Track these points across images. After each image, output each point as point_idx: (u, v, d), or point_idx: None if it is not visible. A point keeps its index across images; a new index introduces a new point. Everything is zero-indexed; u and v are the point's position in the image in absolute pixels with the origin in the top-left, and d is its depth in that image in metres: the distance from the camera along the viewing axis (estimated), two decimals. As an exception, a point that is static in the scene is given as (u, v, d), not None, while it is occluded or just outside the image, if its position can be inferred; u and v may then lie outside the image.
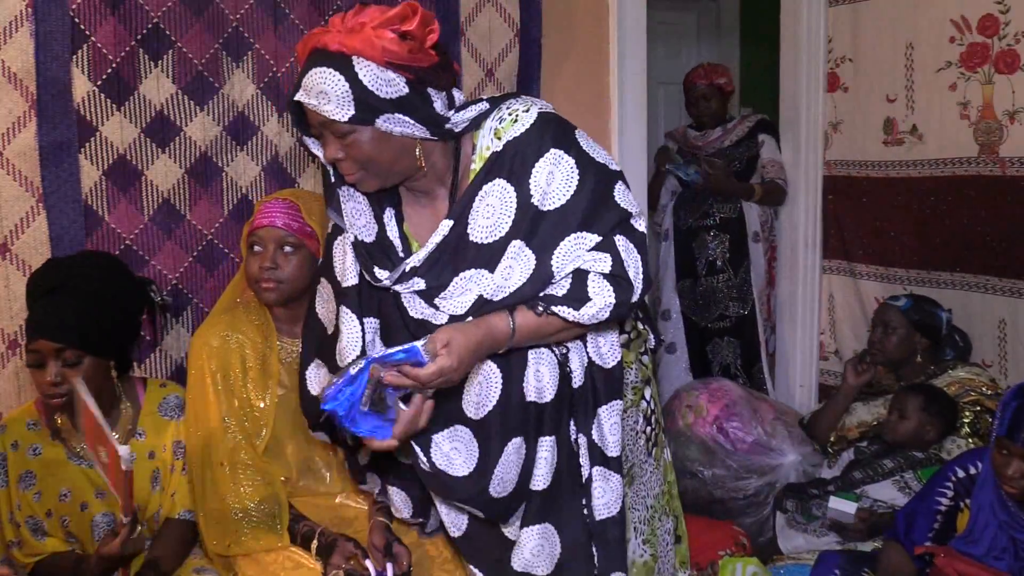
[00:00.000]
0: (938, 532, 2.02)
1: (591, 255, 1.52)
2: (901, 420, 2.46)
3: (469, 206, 1.54)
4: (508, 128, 1.54)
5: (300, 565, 1.82)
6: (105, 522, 1.82)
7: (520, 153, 1.52)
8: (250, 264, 1.90)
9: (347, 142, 1.48)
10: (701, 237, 3.64)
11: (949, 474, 2.04)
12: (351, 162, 1.50)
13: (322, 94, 1.42)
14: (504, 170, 1.53)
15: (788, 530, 2.61)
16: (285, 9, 2.29)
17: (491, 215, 1.52)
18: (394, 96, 1.44)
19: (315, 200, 1.96)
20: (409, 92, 1.46)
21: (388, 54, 1.42)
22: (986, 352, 2.92)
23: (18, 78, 1.96)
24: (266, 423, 1.90)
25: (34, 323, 1.72)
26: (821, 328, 3.59)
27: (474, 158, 1.58)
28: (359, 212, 1.61)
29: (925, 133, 3.10)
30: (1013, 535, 1.87)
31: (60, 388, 1.71)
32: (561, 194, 1.51)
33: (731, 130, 3.69)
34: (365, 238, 1.60)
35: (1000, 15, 2.84)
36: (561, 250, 1.51)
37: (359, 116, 1.44)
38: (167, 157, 2.17)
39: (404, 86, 1.45)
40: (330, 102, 1.42)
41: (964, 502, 2.00)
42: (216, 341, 1.90)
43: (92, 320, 1.74)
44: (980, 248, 2.96)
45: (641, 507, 1.80)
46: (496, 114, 1.57)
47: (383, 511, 1.92)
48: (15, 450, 1.77)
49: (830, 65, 3.42)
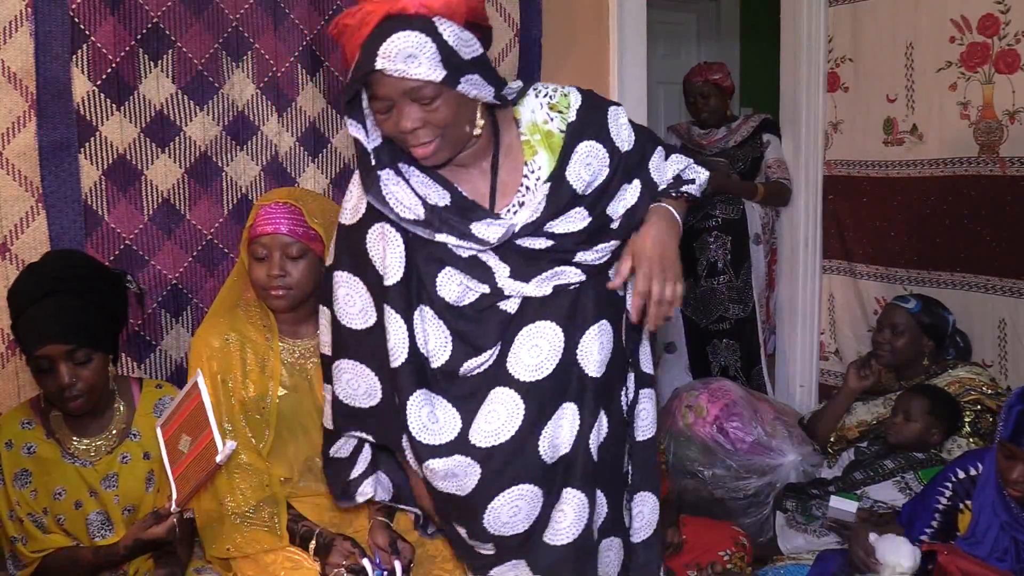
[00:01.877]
0: (937, 531, 2.02)
1: (668, 161, 1.68)
2: (907, 423, 2.44)
3: (565, 166, 1.56)
4: (567, 101, 1.60)
5: (299, 565, 1.82)
6: (99, 520, 1.82)
7: (593, 117, 1.60)
8: (256, 271, 1.89)
9: (431, 108, 1.44)
10: (702, 238, 3.63)
11: (950, 475, 2.04)
12: (429, 129, 1.46)
13: (411, 58, 1.38)
14: (590, 132, 1.58)
15: (788, 530, 2.61)
16: (285, 9, 2.29)
17: (591, 170, 1.57)
18: (473, 56, 1.44)
19: (315, 200, 1.95)
20: (482, 52, 1.47)
21: (469, 12, 1.43)
22: (986, 352, 2.92)
23: (18, 78, 1.96)
24: (268, 425, 1.90)
25: (37, 330, 1.70)
26: (821, 328, 3.59)
27: (522, 131, 1.59)
28: (406, 193, 1.54)
29: (925, 133, 3.10)
30: (1015, 536, 1.87)
31: (76, 388, 1.72)
32: (628, 135, 1.62)
33: (735, 130, 3.67)
34: (439, 202, 1.54)
35: (1000, 15, 2.83)
36: (652, 166, 1.64)
37: (449, 77, 1.42)
38: (167, 157, 2.17)
39: (479, 45, 1.46)
40: (420, 65, 1.39)
41: (965, 503, 2.00)
42: (217, 342, 1.90)
43: (94, 317, 1.75)
44: (980, 248, 2.96)
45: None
46: (534, 93, 1.61)
47: (383, 511, 1.92)
48: (9, 449, 1.77)
49: (830, 65, 3.42)
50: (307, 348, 1.99)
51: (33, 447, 1.79)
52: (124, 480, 1.83)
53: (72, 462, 1.81)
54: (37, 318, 1.71)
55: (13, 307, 1.77)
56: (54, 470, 1.80)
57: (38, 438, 1.80)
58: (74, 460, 1.81)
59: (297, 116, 2.34)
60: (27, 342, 1.72)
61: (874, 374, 2.71)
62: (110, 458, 1.83)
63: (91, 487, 1.81)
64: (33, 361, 1.72)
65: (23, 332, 1.73)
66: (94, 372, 1.74)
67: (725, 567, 2.42)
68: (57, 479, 1.80)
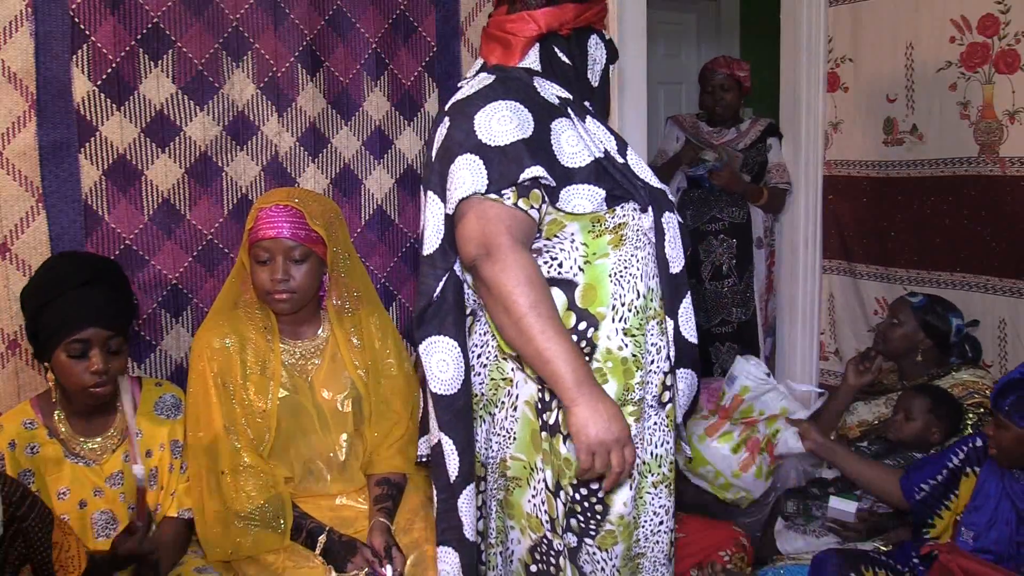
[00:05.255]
0: (938, 485, 2.11)
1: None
2: (907, 421, 2.45)
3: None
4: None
5: (302, 564, 1.82)
6: (104, 519, 1.82)
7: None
8: (259, 275, 1.89)
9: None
10: (708, 241, 3.59)
11: (969, 441, 2.13)
12: None
13: None
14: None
15: (788, 531, 2.61)
16: (285, 9, 2.29)
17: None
18: None
19: (316, 201, 1.96)
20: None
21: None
22: (986, 352, 2.92)
23: (18, 78, 1.96)
24: (269, 426, 1.90)
25: (80, 313, 1.72)
26: (821, 328, 3.59)
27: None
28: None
29: (925, 133, 3.10)
30: (1017, 504, 1.91)
31: (106, 376, 1.75)
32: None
33: (745, 133, 3.62)
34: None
35: (1000, 15, 2.83)
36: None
37: None
38: (167, 157, 2.17)
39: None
40: None
41: (973, 468, 2.07)
42: (217, 343, 1.90)
43: (128, 311, 1.82)
44: (980, 248, 2.96)
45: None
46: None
47: (384, 512, 1.92)
48: (12, 449, 1.77)
49: (830, 65, 3.42)
50: (308, 349, 1.99)
51: (36, 447, 1.79)
52: (128, 478, 1.84)
53: (76, 462, 1.81)
54: (81, 302, 1.73)
55: (46, 291, 1.76)
56: (57, 470, 1.80)
57: (41, 438, 1.80)
58: (78, 460, 1.82)
59: (297, 116, 2.34)
60: (67, 323, 1.72)
61: (874, 370, 2.71)
62: (114, 457, 1.84)
63: (96, 486, 1.82)
64: (66, 346, 1.72)
65: (61, 314, 1.72)
66: (121, 364, 1.80)
67: (725, 567, 2.42)
68: (61, 479, 1.80)
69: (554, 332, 1.43)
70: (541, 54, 1.63)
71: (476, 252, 1.45)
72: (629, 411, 1.57)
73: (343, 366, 2.00)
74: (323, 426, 1.97)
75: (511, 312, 1.43)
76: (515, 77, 1.56)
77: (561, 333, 1.44)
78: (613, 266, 1.54)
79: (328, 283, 1.99)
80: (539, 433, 1.58)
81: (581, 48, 1.68)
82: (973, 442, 2.11)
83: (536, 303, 1.43)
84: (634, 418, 1.57)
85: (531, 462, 1.59)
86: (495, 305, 1.46)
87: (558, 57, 1.63)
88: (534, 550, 1.61)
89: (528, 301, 1.42)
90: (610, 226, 1.55)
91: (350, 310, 2.03)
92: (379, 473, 2.00)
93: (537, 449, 1.58)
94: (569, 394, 1.43)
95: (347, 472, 2.00)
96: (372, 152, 2.48)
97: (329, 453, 1.98)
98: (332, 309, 2.01)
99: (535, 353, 1.44)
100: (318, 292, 1.98)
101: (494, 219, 1.44)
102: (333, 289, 2.01)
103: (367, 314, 2.05)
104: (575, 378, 1.42)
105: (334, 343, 2.01)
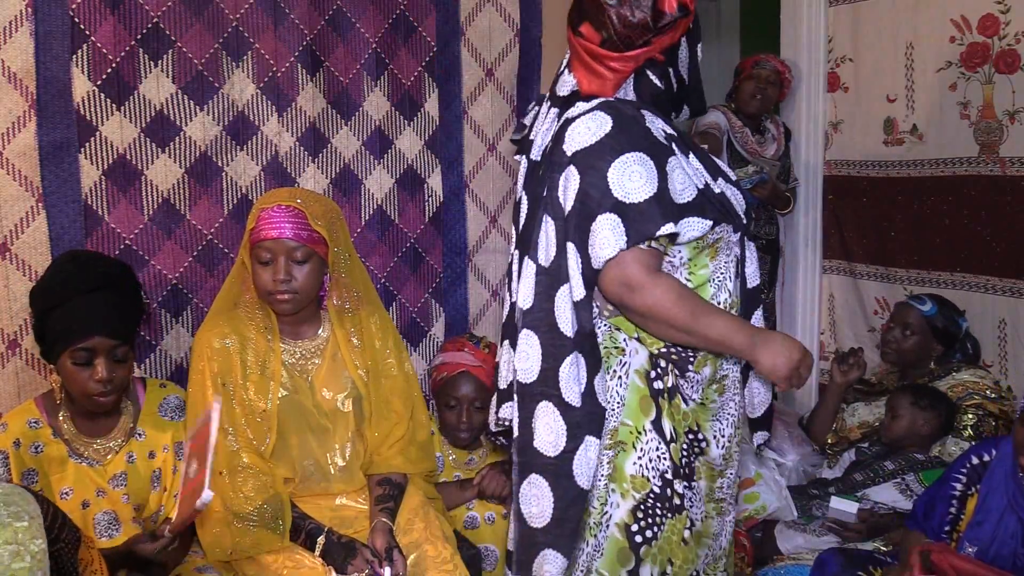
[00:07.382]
0: (955, 517, 2.05)
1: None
2: (894, 420, 2.47)
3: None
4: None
5: (301, 565, 1.82)
6: (106, 520, 1.82)
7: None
8: (260, 276, 1.89)
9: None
10: None
11: (965, 462, 2.08)
12: None
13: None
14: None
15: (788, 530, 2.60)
16: (285, 9, 2.29)
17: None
18: None
19: (317, 202, 1.95)
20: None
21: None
22: (986, 352, 2.92)
23: (18, 78, 1.96)
24: (269, 426, 1.90)
25: (88, 320, 1.71)
26: (821, 328, 3.59)
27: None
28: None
29: (925, 133, 3.10)
30: (1021, 516, 1.88)
31: (111, 384, 1.74)
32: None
33: (777, 139, 3.53)
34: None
35: (1000, 15, 2.84)
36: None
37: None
38: (167, 157, 2.17)
39: None
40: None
41: (975, 487, 2.03)
42: (218, 343, 1.90)
43: (135, 320, 1.81)
44: (980, 248, 2.96)
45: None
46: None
47: (386, 512, 1.92)
48: (17, 448, 1.77)
49: (830, 65, 3.42)
50: (308, 349, 1.99)
51: (40, 446, 1.79)
52: (132, 479, 1.84)
53: (80, 462, 1.81)
54: (89, 309, 1.71)
55: (53, 294, 1.74)
56: (61, 470, 1.80)
57: (46, 437, 1.80)
58: (81, 460, 1.82)
59: (297, 116, 2.34)
60: (73, 331, 1.71)
61: (858, 367, 2.70)
62: (118, 458, 1.84)
63: (99, 487, 1.82)
64: (71, 353, 1.71)
65: (67, 321, 1.71)
66: (127, 371, 1.79)
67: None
68: (64, 479, 1.80)
69: (713, 321, 1.63)
70: (635, 81, 1.70)
71: (619, 290, 1.62)
72: (714, 388, 1.76)
73: (343, 366, 2.00)
74: (323, 426, 1.97)
75: (677, 327, 1.63)
76: (630, 117, 1.64)
77: (719, 317, 1.65)
78: (711, 273, 1.72)
79: (329, 283, 1.99)
80: (648, 398, 1.71)
81: (672, 62, 1.73)
82: (968, 462, 2.05)
83: (693, 311, 1.61)
84: (718, 393, 1.77)
85: (638, 426, 1.71)
86: (656, 327, 1.65)
87: (652, 83, 1.70)
88: (636, 510, 1.69)
89: (685, 314, 1.61)
90: (710, 241, 1.70)
91: (350, 310, 2.03)
92: (380, 473, 2.00)
93: (645, 413, 1.71)
94: (748, 353, 1.65)
95: (347, 472, 1.99)
96: (372, 152, 2.48)
97: (329, 453, 1.98)
98: (333, 309, 2.01)
99: (710, 347, 1.67)
100: (319, 292, 1.98)
101: (631, 261, 1.60)
102: (334, 289, 2.01)
103: (367, 314, 2.05)
104: (745, 341, 1.64)
105: (334, 343, 2.01)
